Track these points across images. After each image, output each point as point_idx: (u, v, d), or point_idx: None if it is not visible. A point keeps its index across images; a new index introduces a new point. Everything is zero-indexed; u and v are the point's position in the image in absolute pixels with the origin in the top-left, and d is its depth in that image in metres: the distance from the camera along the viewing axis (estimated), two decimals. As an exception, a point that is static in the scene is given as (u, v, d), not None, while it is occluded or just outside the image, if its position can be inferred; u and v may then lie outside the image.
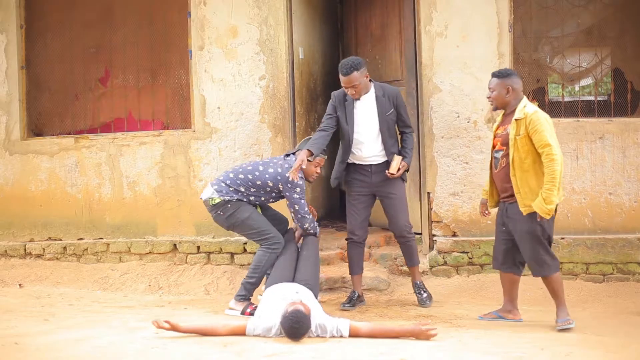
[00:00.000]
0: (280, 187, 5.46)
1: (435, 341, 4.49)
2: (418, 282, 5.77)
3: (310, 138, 5.77)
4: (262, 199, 5.58)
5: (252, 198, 5.53)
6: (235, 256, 6.60)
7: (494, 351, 4.23)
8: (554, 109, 6.91)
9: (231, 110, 6.63)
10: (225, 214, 5.49)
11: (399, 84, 6.61)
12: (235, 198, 5.47)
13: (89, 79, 7.37)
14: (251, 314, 5.28)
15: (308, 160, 5.48)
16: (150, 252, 6.73)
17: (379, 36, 6.95)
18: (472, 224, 6.26)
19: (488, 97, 5.07)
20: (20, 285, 6.55)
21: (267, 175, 5.48)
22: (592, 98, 7.37)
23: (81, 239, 6.91)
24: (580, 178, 6.32)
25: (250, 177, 5.49)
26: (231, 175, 5.54)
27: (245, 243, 6.57)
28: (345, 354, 4.22)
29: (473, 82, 6.30)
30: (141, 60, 7.23)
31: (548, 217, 4.77)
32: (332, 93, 5.70)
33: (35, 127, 7.26)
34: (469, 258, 6.26)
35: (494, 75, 5.04)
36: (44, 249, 6.93)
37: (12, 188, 7.04)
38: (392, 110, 5.55)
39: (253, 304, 5.41)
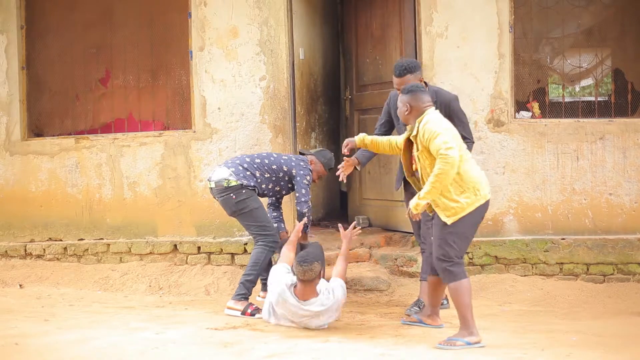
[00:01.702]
0: (294, 172, 5.59)
1: (436, 342, 4.49)
2: (422, 300, 5.46)
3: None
4: (271, 185, 5.63)
5: (263, 186, 5.59)
6: (235, 257, 6.60)
7: (495, 351, 4.23)
8: (555, 110, 6.92)
9: (231, 111, 6.63)
10: (237, 198, 5.49)
11: (399, 85, 6.60)
12: (252, 184, 5.52)
13: (89, 80, 7.37)
14: (252, 314, 5.29)
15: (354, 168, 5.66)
16: (150, 253, 6.73)
17: (379, 37, 6.95)
18: (472, 224, 6.25)
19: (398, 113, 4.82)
20: (20, 285, 6.55)
21: (282, 160, 5.65)
22: (592, 99, 7.38)
23: (82, 239, 6.91)
24: (581, 179, 6.32)
25: (266, 161, 5.62)
26: (247, 159, 5.63)
27: (246, 243, 6.57)
28: (345, 355, 4.22)
29: (473, 82, 6.31)
30: (141, 61, 7.23)
31: (414, 212, 4.44)
32: (390, 93, 5.56)
33: (36, 128, 7.26)
34: (470, 259, 6.26)
35: (402, 89, 4.73)
36: (44, 250, 6.93)
37: (12, 188, 7.04)
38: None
39: (253, 304, 5.41)
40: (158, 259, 6.71)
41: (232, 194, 5.49)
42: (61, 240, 6.94)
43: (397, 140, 4.96)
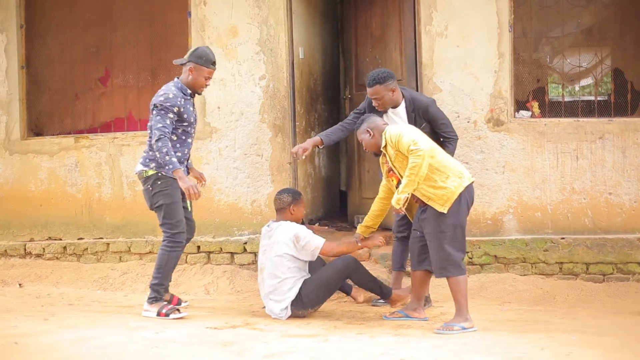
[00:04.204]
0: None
1: (436, 341, 4.50)
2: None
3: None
4: (172, 137, 5.26)
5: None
6: (235, 256, 6.60)
7: (495, 351, 4.23)
8: (554, 109, 6.92)
9: (231, 110, 6.62)
10: (153, 190, 5.24)
11: (399, 84, 6.60)
12: (165, 168, 5.17)
13: (89, 79, 7.37)
14: (167, 314, 5.17)
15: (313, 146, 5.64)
16: (150, 252, 6.73)
17: (379, 36, 6.95)
18: (472, 224, 6.26)
19: (364, 149, 5.18)
20: (20, 284, 6.55)
21: (152, 112, 5.23)
22: (592, 98, 7.38)
23: (81, 238, 6.91)
24: (581, 178, 6.32)
25: (153, 129, 5.23)
26: (148, 140, 5.35)
27: (245, 243, 6.57)
28: (345, 354, 4.22)
29: (473, 82, 6.31)
30: (141, 60, 7.23)
31: (397, 206, 4.76)
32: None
33: (35, 127, 7.26)
34: (469, 258, 6.26)
35: (355, 127, 5.24)
36: (44, 249, 6.93)
37: (12, 188, 7.05)
38: (425, 124, 5.37)
39: (168, 304, 5.27)
40: (158, 258, 6.70)
41: (149, 186, 5.26)
42: (61, 239, 6.94)
43: (382, 185, 5.26)
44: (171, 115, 5.19)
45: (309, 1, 7.42)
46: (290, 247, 5.18)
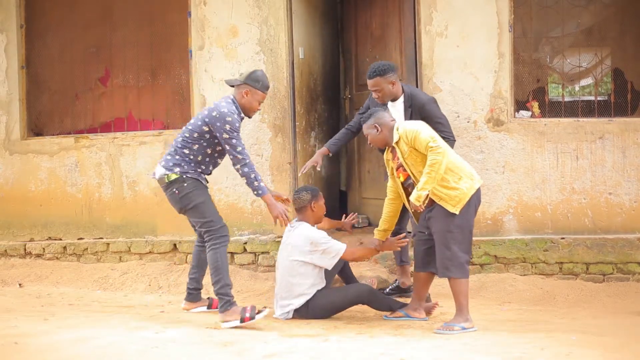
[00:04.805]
0: (213, 129, 5.07)
1: (436, 341, 4.50)
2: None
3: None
4: (209, 151, 5.19)
5: (199, 158, 5.16)
6: (235, 256, 6.60)
7: (494, 351, 4.23)
8: (554, 109, 6.92)
9: (231, 110, 6.62)
10: (180, 193, 5.13)
11: (399, 84, 6.60)
12: (189, 169, 5.13)
13: (89, 79, 7.37)
14: (251, 317, 4.90)
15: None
16: (150, 252, 6.73)
17: (379, 36, 6.95)
18: (472, 223, 6.26)
19: (369, 144, 5.08)
20: (20, 284, 6.55)
21: (199, 122, 5.15)
22: (592, 98, 7.38)
23: (81, 238, 6.91)
24: (581, 178, 6.32)
25: (187, 135, 5.16)
26: (173, 142, 5.25)
27: (245, 243, 6.57)
28: (345, 354, 4.22)
29: (473, 82, 6.31)
30: (141, 60, 7.24)
31: (417, 203, 4.68)
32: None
33: (35, 127, 7.26)
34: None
35: (361, 121, 5.15)
36: (44, 249, 6.93)
37: (12, 188, 7.05)
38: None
39: (246, 307, 4.97)
40: (157, 258, 6.71)
41: (175, 189, 5.14)
42: (61, 239, 6.95)
43: (390, 187, 5.14)
44: (239, 133, 5.17)
45: (309, 1, 7.42)
46: (304, 254, 5.10)
